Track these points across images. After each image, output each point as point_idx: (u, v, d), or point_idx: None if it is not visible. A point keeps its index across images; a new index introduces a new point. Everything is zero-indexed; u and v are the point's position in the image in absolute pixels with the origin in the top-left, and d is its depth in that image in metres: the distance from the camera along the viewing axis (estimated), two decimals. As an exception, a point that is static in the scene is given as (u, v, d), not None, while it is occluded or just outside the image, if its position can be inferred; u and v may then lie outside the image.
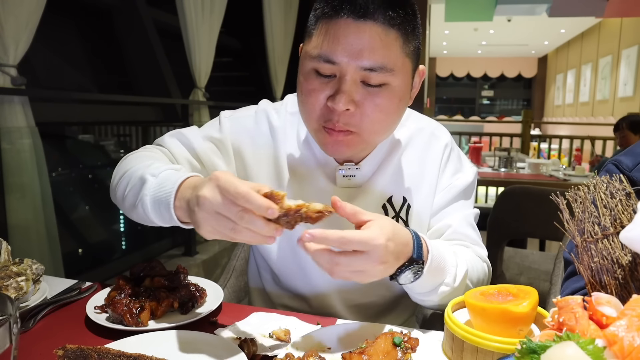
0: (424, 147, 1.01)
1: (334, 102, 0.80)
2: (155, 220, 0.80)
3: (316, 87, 0.83)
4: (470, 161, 1.12)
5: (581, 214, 0.69)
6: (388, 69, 0.80)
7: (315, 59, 0.81)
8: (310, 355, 0.68)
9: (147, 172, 0.81)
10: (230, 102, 2.91)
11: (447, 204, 1.00)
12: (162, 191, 0.76)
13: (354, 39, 0.78)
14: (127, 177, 0.86)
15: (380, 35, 0.78)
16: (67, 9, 2.65)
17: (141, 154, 0.94)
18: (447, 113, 14.43)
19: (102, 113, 2.86)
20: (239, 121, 1.02)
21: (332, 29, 0.79)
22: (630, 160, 0.86)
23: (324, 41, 0.80)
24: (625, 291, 0.64)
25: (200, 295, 0.90)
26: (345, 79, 0.80)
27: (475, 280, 0.93)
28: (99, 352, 0.68)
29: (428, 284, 0.82)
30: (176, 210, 0.74)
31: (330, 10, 0.80)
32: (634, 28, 7.86)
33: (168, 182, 0.76)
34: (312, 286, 1.02)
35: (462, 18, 7.30)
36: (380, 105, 0.82)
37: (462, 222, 0.99)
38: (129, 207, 0.85)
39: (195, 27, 2.96)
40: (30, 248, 1.87)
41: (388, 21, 0.78)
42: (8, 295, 0.75)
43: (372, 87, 0.81)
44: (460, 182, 1.01)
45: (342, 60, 0.79)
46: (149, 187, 0.79)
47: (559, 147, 6.12)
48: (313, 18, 0.84)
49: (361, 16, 0.77)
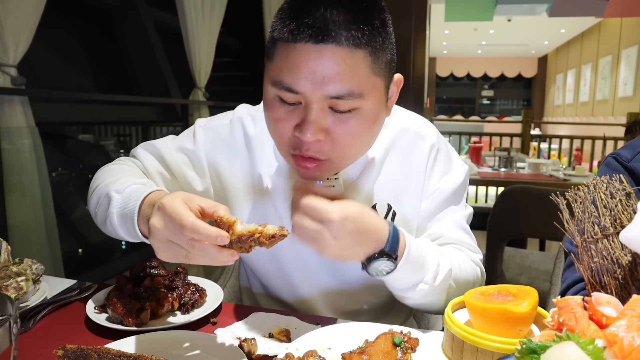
0: (408, 148, 0.95)
1: (301, 132, 0.74)
2: (124, 236, 0.80)
3: (282, 116, 0.76)
4: (471, 162, 1.10)
5: (581, 214, 0.69)
6: (356, 94, 0.73)
7: (277, 86, 0.74)
8: (310, 355, 0.68)
9: (112, 188, 0.82)
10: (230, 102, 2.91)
11: (437, 210, 0.96)
12: (126, 208, 0.77)
13: (315, 66, 0.70)
14: (97, 193, 0.87)
15: (345, 59, 0.70)
16: (67, 9, 2.65)
17: (112, 168, 0.94)
18: (447, 113, 14.42)
19: (102, 113, 2.86)
20: (213, 130, 0.98)
21: (291, 54, 0.72)
22: (628, 152, 0.86)
23: (284, 68, 0.73)
24: (625, 291, 0.64)
25: (200, 295, 0.90)
26: (312, 107, 0.73)
27: (463, 281, 0.89)
28: (99, 352, 0.68)
29: (404, 280, 0.81)
30: (140, 226, 0.75)
31: (288, 34, 0.71)
32: (634, 28, 7.86)
33: (132, 199, 0.77)
34: (297, 294, 1.00)
35: (462, 18, 7.29)
36: (352, 132, 0.76)
37: (454, 227, 0.95)
38: (100, 222, 0.87)
39: (195, 27, 2.96)
40: (30, 248, 1.87)
41: (352, 41, 0.70)
42: (8, 295, 0.75)
43: (341, 112, 0.74)
44: (449, 184, 0.96)
45: (306, 89, 0.72)
46: (114, 204, 0.80)
47: (559, 147, 6.11)
48: (271, 39, 0.77)
49: (321, 40, 0.69)
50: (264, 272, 1.03)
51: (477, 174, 3.90)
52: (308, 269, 0.97)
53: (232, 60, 4.57)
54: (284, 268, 0.98)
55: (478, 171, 4.02)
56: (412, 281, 0.81)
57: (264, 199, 0.96)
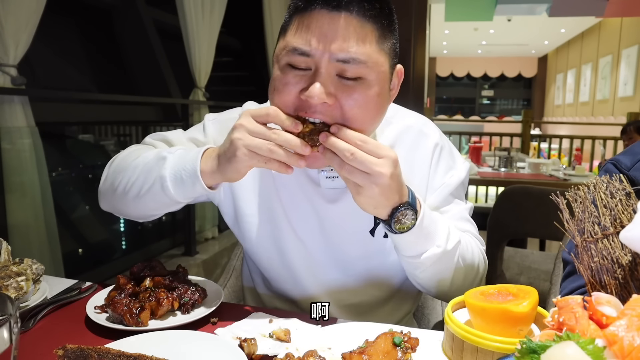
0: (412, 146, 0.99)
1: (309, 93, 0.77)
2: (174, 192, 0.84)
3: (290, 80, 0.79)
4: (471, 162, 1.12)
5: (581, 214, 0.69)
6: (363, 61, 0.77)
7: (290, 52, 0.78)
8: (310, 355, 0.68)
9: (163, 152, 0.87)
10: (230, 102, 2.91)
11: (442, 204, 0.99)
12: (185, 160, 0.83)
13: (327, 29, 0.76)
14: (132, 168, 0.89)
15: (355, 27, 0.77)
16: (67, 9, 2.65)
17: (136, 150, 0.97)
18: (447, 113, 14.43)
19: (102, 113, 2.86)
20: (223, 124, 1.01)
21: (305, 20, 0.78)
22: (628, 159, 0.86)
23: (297, 33, 0.78)
24: (625, 291, 0.64)
25: (200, 295, 0.90)
26: (320, 71, 0.77)
27: (469, 260, 0.92)
28: (99, 352, 0.68)
29: (420, 242, 0.84)
30: (202, 174, 0.80)
31: (304, 3, 0.78)
32: (634, 28, 7.86)
33: (190, 153, 0.84)
34: (302, 290, 1.01)
35: (462, 18, 7.30)
36: (358, 101, 0.79)
37: (458, 218, 0.99)
38: (133, 196, 0.89)
39: (195, 27, 2.96)
40: (30, 248, 1.87)
41: (363, 13, 0.77)
42: (8, 295, 0.75)
43: (347, 80, 0.78)
44: (453, 179, 1.00)
45: (316, 51, 0.76)
46: (169, 162, 0.84)
47: (559, 147, 6.12)
48: (287, 15, 0.83)
49: (335, 7, 0.76)
50: (269, 266, 1.04)
51: (477, 174, 3.90)
52: (313, 263, 0.99)
53: (232, 60, 4.57)
54: (289, 262, 0.99)
55: (478, 171, 4.01)
56: (427, 244, 0.85)
57: (269, 190, 0.98)
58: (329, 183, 0.94)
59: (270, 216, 0.98)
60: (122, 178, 0.90)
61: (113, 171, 0.94)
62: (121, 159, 0.95)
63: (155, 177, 0.85)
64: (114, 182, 0.92)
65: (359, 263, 0.99)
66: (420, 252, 0.85)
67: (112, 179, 0.93)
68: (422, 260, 0.86)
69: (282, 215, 0.97)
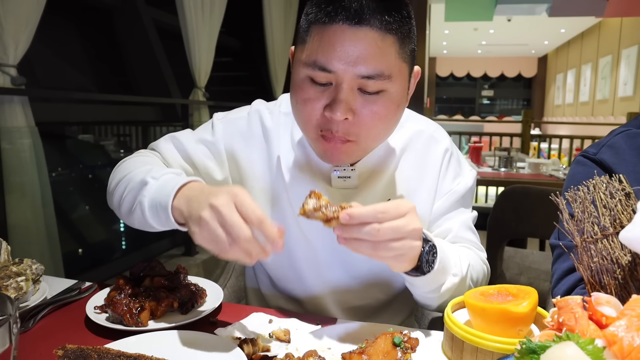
0: (423, 150, 1.00)
1: (331, 111, 0.78)
2: (152, 222, 0.80)
3: (312, 96, 0.80)
4: (471, 162, 1.12)
5: (581, 214, 0.70)
6: (385, 76, 0.78)
7: (310, 66, 0.78)
8: (310, 355, 0.68)
9: (148, 175, 0.82)
10: (230, 102, 2.91)
11: (448, 210, 0.99)
12: (162, 193, 0.77)
13: (349, 46, 0.75)
14: (125, 182, 0.87)
15: (376, 42, 0.76)
16: (67, 9, 2.65)
17: (137, 159, 0.95)
18: (447, 113, 14.42)
19: (102, 113, 2.86)
20: (231, 123, 1.01)
21: (326, 35, 0.77)
22: (594, 148, 0.93)
23: (318, 48, 0.77)
24: (625, 291, 0.65)
25: (200, 295, 0.90)
26: (342, 87, 0.77)
27: (475, 278, 0.93)
28: (99, 352, 0.68)
29: (437, 277, 0.81)
30: (174, 210, 0.75)
31: (324, 16, 0.77)
32: (634, 28, 7.85)
33: (169, 184, 0.78)
34: (307, 289, 1.01)
35: (462, 18, 7.30)
36: (378, 113, 0.80)
37: (463, 226, 0.99)
38: (125, 212, 0.86)
39: (195, 27, 2.96)
40: (30, 248, 1.87)
41: (384, 26, 0.76)
42: (8, 295, 0.75)
43: (369, 94, 0.79)
44: (460, 187, 1.00)
45: (339, 68, 0.76)
46: (149, 189, 0.80)
47: (559, 147, 6.11)
48: (305, 22, 0.81)
49: (357, 22, 0.75)
50: (275, 266, 1.04)
51: (477, 174, 3.90)
52: (319, 265, 0.99)
53: (232, 60, 4.57)
54: (296, 263, 1.00)
55: (478, 171, 4.02)
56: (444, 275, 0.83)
57: (280, 190, 0.98)
58: (340, 183, 0.94)
59: (279, 215, 0.98)
60: (117, 190, 0.89)
61: (114, 179, 0.93)
62: (123, 167, 0.94)
63: (137, 202, 0.82)
64: (114, 193, 0.90)
65: (364, 265, 0.99)
66: (439, 284, 0.83)
67: (113, 188, 0.91)
68: (442, 293, 0.84)
69: (290, 214, 0.97)
